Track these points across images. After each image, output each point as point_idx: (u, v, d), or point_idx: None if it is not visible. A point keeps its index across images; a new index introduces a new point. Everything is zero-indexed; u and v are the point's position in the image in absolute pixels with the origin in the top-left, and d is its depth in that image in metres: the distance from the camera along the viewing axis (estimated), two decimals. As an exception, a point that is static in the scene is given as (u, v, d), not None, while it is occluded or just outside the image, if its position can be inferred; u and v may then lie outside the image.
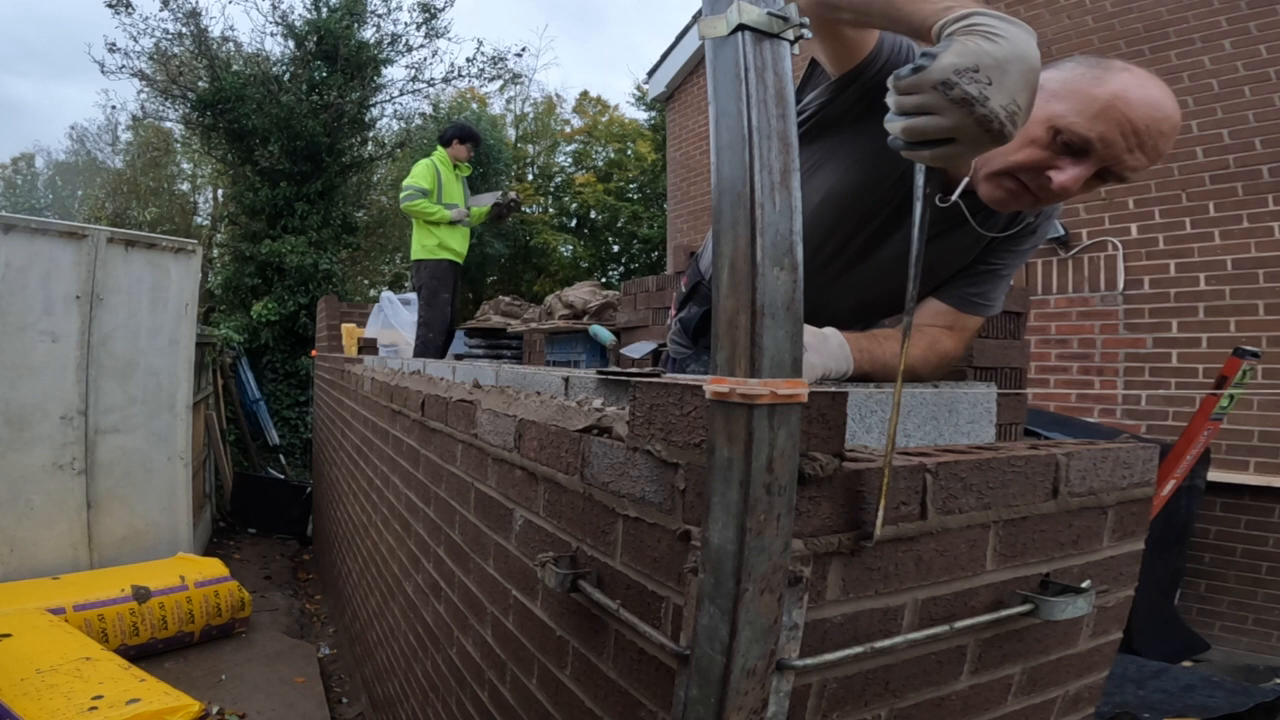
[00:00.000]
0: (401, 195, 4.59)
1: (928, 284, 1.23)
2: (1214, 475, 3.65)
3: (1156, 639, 3.39)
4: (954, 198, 1.03)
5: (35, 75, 36.58)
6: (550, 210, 17.06)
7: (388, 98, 9.67)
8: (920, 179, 0.76)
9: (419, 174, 4.54)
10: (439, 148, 4.76)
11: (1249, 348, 2.85)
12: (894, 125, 0.77)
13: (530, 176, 17.21)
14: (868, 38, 1.04)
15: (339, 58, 8.39)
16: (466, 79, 10.09)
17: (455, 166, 4.73)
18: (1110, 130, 0.92)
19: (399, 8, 9.94)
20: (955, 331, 1.24)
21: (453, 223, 4.56)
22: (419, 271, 4.65)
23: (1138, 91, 0.92)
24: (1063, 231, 4.55)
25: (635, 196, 16.58)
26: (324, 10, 8.49)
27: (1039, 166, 0.96)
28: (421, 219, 4.53)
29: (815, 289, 1.13)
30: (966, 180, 1.03)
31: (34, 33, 34.65)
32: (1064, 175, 0.94)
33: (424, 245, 4.56)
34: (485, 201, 4.81)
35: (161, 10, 8.22)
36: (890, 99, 0.77)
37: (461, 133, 4.79)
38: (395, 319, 5.49)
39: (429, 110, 12.00)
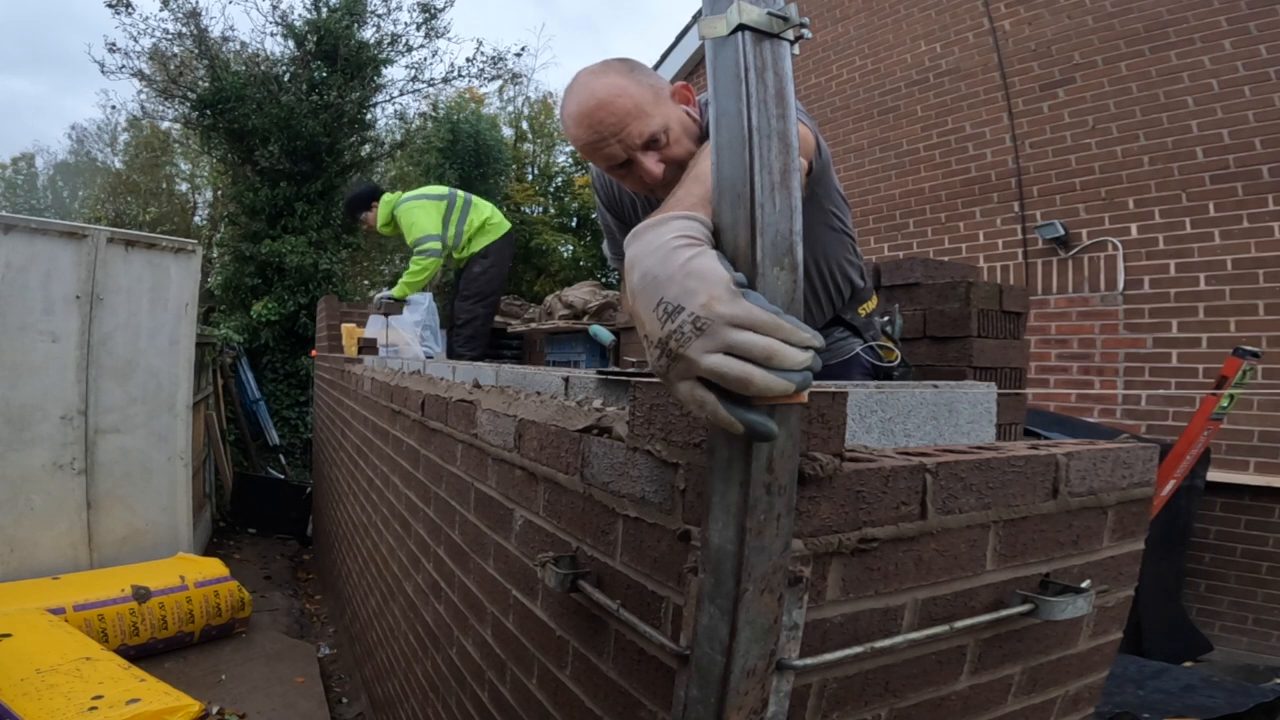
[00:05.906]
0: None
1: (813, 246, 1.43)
2: (1214, 475, 3.65)
3: (1165, 639, 3.39)
4: None
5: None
6: (550, 210, 17.03)
7: (388, 98, 9.65)
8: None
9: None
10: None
11: (1249, 348, 2.85)
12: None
13: (530, 176, 17.20)
14: None
15: (339, 58, 8.38)
16: (466, 79, 10.08)
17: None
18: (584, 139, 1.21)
19: (399, 8, 9.90)
20: None
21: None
22: None
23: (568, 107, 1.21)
24: (1062, 231, 4.55)
25: (635, 197, 16.52)
26: (324, 10, 8.48)
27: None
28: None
29: None
30: None
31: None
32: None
33: None
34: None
35: (161, 10, 8.22)
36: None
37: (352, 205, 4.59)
38: (395, 319, 5.48)
39: (429, 110, 11.99)
